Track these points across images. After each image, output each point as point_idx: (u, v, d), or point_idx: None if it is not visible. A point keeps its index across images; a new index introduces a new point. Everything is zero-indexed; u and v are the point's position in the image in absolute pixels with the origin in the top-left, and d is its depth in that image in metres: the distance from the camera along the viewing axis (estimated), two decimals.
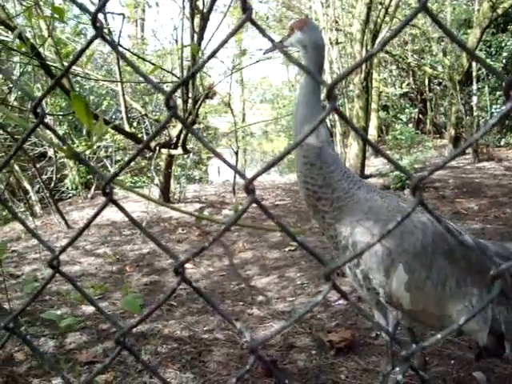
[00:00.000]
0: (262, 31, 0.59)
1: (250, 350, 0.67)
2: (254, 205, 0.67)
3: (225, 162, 0.66)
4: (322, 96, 2.67)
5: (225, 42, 0.60)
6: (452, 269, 2.44)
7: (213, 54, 0.63)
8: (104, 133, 0.80)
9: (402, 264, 2.42)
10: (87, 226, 0.75)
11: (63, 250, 0.76)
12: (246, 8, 0.56)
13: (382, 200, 2.54)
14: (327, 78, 12.68)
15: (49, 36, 4.46)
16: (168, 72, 9.38)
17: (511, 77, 0.58)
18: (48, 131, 7.98)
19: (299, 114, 2.57)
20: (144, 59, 10.07)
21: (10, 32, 6.40)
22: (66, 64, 6.07)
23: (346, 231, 2.52)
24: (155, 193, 9.47)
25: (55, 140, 7.87)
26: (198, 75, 8.25)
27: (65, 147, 0.90)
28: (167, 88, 10.73)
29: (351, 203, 2.51)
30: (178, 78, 7.86)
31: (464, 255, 2.45)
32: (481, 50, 14.34)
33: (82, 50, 0.71)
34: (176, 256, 0.68)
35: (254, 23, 0.58)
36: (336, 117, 12.43)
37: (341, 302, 4.61)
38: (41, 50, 5.56)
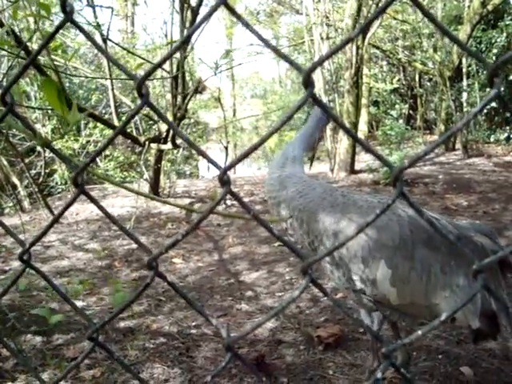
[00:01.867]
0: (238, 16, 0.57)
1: (226, 348, 0.65)
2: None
3: (197, 150, 0.64)
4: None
5: (197, 26, 0.58)
6: (434, 256, 2.42)
7: (186, 39, 0.60)
8: (79, 120, 0.77)
9: (383, 260, 2.41)
10: (57, 219, 0.73)
11: (33, 244, 0.73)
12: None
13: (344, 198, 2.59)
14: (318, 72, 12.65)
15: (35, 32, 4.37)
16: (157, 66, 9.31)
17: (495, 64, 0.56)
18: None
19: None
20: (133, 53, 10.00)
21: None
22: (54, 58, 5.99)
23: (322, 236, 2.54)
24: (145, 188, 9.43)
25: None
26: (188, 69, 8.20)
27: (37, 136, 0.87)
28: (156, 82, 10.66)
29: (310, 206, 2.61)
30: (168, 72, 7.82)
31: (443, 241, 2.43)
32: (471, 46, 14.36)
33: (53, 34, 0.68)
34: (150, 250, 0.66)
35: (228, 7, 0.55)
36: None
37: None
38: (28, 43, 5.48)
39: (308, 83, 0.57)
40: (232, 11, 0.56)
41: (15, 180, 9.59)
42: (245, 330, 0.62)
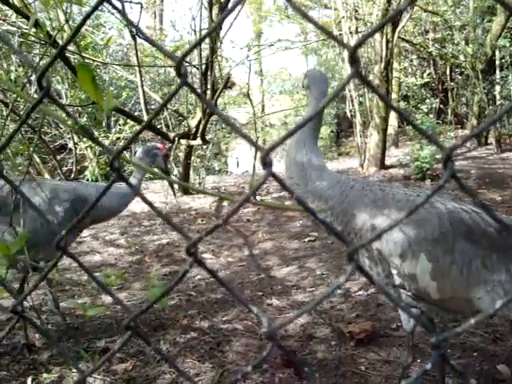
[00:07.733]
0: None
1: (268, 337, 0.63)
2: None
3: (237, 130, 0.62)
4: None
5: (230, 11, 0.56)
6: (475, 250, 2.36)
7: (225, 16, 0.58)
8: (114, 107, 0.76)
9: (423, 253, 2.36)
10: (92, 206, 0.72)
11: (68, 231, 0.72)
12: None
13: (383, 192, 2.54)
14: (346, 67, 12.52)
15: (66, 21, 4.39)
16: (186, 62, 9.35)
17: None
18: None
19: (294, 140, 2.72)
20: (162, 49, 10.04)
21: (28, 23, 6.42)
22: (84, 55, 6.05)
23: (361, 231, 2.50)
24: (174, 184, 9.48)
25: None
26: (217, 66, 8.20)
27: (70, 122, 0.86)
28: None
29: (349, 204, 2.56)
30: (197, 67, 7.83)
31: (484, 234, 2.38)
32: (505, 38, 14.02)
33: (87, 16, 0.67)
34: (189, 236, 0.64)
35: None
36: (356, 107, 12.30)
37: (361, 292, 4.56)
38: (59, 41, 5.56)
39: (354, 60, 0.55)
40: None
41: (47, 177, 9.73)
42: (287, 319, 0.60)
